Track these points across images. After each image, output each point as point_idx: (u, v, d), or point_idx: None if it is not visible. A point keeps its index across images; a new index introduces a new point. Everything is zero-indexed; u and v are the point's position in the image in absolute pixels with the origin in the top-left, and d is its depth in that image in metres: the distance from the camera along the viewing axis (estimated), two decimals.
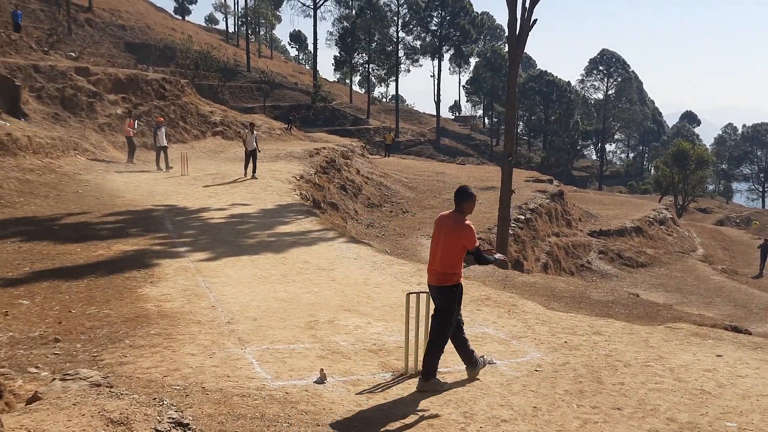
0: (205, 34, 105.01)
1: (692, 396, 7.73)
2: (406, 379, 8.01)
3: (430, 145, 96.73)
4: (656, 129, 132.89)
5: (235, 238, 16.71)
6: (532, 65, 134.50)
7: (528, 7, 24.16)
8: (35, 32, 55.83)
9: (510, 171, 24.86)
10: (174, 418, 4.96)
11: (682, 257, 39.41)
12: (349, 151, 39.77)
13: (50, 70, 31.88)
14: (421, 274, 14.33)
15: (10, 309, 10.30)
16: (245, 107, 70.82)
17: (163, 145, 28.71)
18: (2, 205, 19.10)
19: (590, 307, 15.52)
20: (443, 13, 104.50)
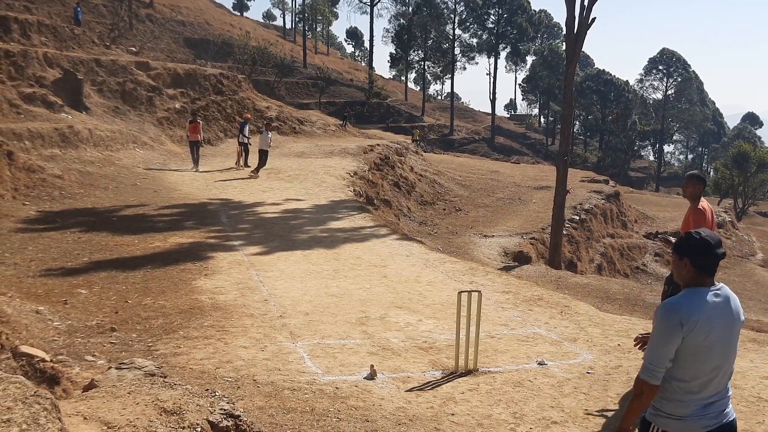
0: (263, 30, 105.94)
1: (749, 403, 7.56)
2: (456, 378, 7.98)
3: (485, 143, 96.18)
4: (716, 130, 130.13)
5: (289, 233, 16.82)
6: (589, 64, 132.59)
7: (587, 5, 23.83)
8: (97, 27, 56.96)
9: (565, 171, 24.55)
10: (225, 410, 5.01)
11: (741, 261, 38.52)
12: (403, 149, 39.72)
13: (111, 64, 32.47)
14: (473, 272, 14.27)
15: (69, 298, 10.52)
16: (301, 103, 71.24)
17: (244, 142, 28.59)
18: (63, 196, 19.52)
19: (645, 309, 15.27)
20: (500, 10, 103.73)
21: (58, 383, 6.55)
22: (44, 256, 13.25)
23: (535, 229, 28.81)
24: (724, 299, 3.86)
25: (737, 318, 3.91)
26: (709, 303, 3.80)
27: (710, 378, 3.83)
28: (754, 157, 68.35)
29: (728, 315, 3.86)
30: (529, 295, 12.58)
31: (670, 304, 3.81)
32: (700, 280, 3.86)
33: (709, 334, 3.75)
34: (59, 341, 8.49)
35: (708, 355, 3.78)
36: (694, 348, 3.75)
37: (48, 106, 26.52)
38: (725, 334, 3.83)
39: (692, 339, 3.73)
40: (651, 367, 3.79)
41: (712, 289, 3.86)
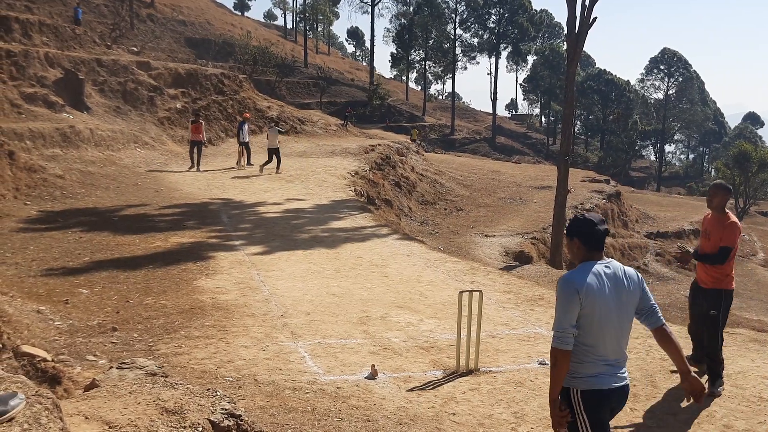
0: (264, 30, 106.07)
1: (750, 403, 7.56)
2: (457, 377, 7.98)
3: (486, 143, 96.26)
4: (717, 130, 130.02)
5: (290, 233, 16.83)
6: (590, 64, 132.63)
7: (588, 5, 23.85)
8: (99, 27, 56.99)
9: (566, 170, 24.57)
10: (227, 410, 5.02)
11: (742, 261, 38.49)
12: (404, 148, 39.73)
13: (113, 64, 32.49)
14: (474, 272, 14.27)
15: (70, 297, 10.53)
16: (302, 103, 71.34)
17: (246, 141, 28.66)
18: (65, 195, 19.54)
19: None
20: (501, 10, 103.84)
21: (60, 383, 6.55)
22: (45, 255, 13.26)
23: (536, 228, 28.84)
24: (614, 271, 4.36)
25: (628, 288, 4.36)
26: (601, 274, 4.29)
27: (610, 341, 4.29)
28: (755, 157, 68.24)
29: (620, 285, 4.33)
30: (530, 294, 12.57)
31: (568, 278, 4.30)
32: (590, 255, 4.38)
33: (604, 302, 4.23)
34: (60, 341, 8.50)
35: (605, 320, 4.24)
36: (592, 315, 4.20)
37: (49, 106, 26.54)
38: (618, 302, 4.31)
39: (590, 307, 4.19)
40: (559, 335, 4.22)
41: (602, 262, 4.36)
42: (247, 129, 28.91)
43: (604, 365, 4.29)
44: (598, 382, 4.27)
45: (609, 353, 4.31)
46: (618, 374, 4.34)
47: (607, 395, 4.31)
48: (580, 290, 4.18)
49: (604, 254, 4.45)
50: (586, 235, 4.38)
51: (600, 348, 4.28)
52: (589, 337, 4.25)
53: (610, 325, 4.27)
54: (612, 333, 4.29)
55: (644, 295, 4.46)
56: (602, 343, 4.28)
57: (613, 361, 4.33)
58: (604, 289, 4.25)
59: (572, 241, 4.46)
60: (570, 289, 4.21)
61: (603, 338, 4.27)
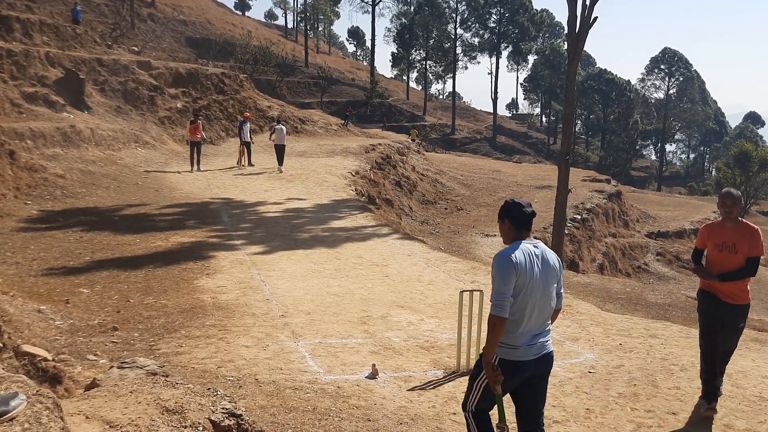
0: (265, 29, 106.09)
1: (750, 403, 7.55)
2: (457, 377, 7.98)
3: (486, 142, 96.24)
4: (718, 130, 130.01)
5: (290, 232, 16.83)
6: (591, 63, 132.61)
7: (588, 5, 23.82)
8: (99, 26, 57.03)
9: (567, 170, 24.54)
10: (227, 409, 5.01)
11: None
12: (405, 148, 39.74)
13: (113, 63, 32.48)
14: (475, 272, 14.27)
15: (71, 297, 10.54)
16: (302, 102, 71.33)
17: (247, 141, 28.67)
18: (65, 195, 19.55)
19: (646, 309, 15.29)
20: (502, 10, 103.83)
21: (60, 382, 6.56)
22: (46, 255, 13.26)
23: (537, 228, 28.82)
24: (542, 251, 4.84)
25: (552, 266, 4.86)
26: (531, 252, 4.76)
27: (533, 313, 4.72)
28: (756, 157, 68.23)
29: (544, 263, 4.80)
30: None
31: (506, 253, 4.71)
32: (519, 234, 4.85)
33: (533, 277, 4.69)
34: (61, 340, 8.50)
35: (530, 294, 4.67)
36: (519, 288, 4.63)
37: (50, 106, 26.54)
38: (542, 278, 4.76)
39: (521, 280, 4.63)
40: (498, 302, 4.58)
41: (530, 242, 4.84)
42: (249, 128, 28.92)
43: (525, 337, 4.73)
44: (518, 353, 4.71)
45: (531, 325, 4.75)
46: (538, 343, 4.79)
47: (524, 366, 4.75)
48: (516, 265, 4.62)
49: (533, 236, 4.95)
50: (515, 217, 4.87)
51: (522, 320, 4.69)
52: (517, 310, 4.65)
53: (535, 299, 4.71)
54: (536, 306, 4.73)
55: (560, 279, 4.98)
56: (525, 316, 4.70)
57: (535, 331, 4.78)
58: (533, 266, 4.72)
59: (503, 223, 4.95)
60: (508, 262, 4.63)
61: (527, 311, 4.69)
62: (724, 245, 7.01)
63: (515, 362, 4.72)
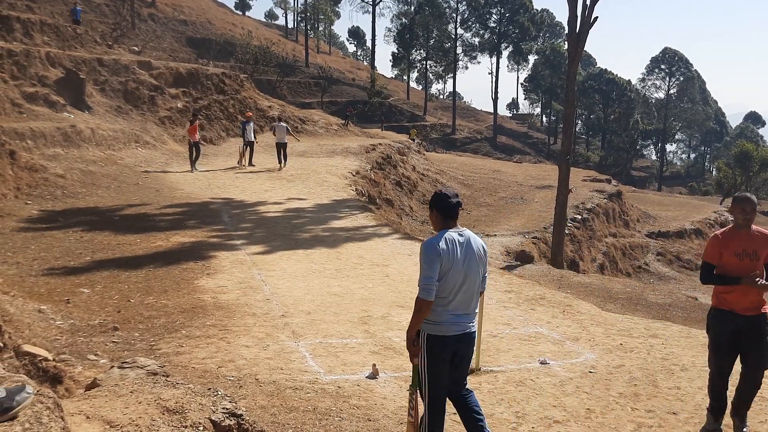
0: (265, 29, 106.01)
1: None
2: None
3: (487, 142, 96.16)
4: (719, 129, 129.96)
5: (291, 232, 16.83)
6: (591, 63, 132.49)
7: (589, 5, 23.82)
8: (100, 26, 56.99)
9: (567, 170, 24.54)
10: (228, 409, 5.02)
11: None
12: (405, 148, 39.75)
13: (114, 63, 32.48)
14: None
15: (72, 297, 10.54)
16: (303, 102, 71.30)
17: (250, 141, 28.71)
18: (66, 195, 19.55)
19: (647, 309, 15.27)
20: (502, 10, 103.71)
21: (61, 382, 6.56)
22: (46, 255, 13.27)
23: (538, 228, 28.82)
24: (466, 239, 5.29)
25: (478, 254, 5.31)
26: (455, 241, 5.22)
27: (457, 295, 5.21)
28: (757, 157, 68.27)
29: (469, 249, 5.26)
30: (531, 294, 12.58)
31: (431, 241, 5.21)
32: (446, 223, 5.30)
33: (456, 263, 5.15)
34: (62, 340, 8.50)
35: (455, 277, 5.16)
36: (444, 272, 5.12)
37: (50, 106, 26.54)
38: (467, 265, 5.22)
39: (446, 266, 5.11)
40: (425, 287, 5.10)
41: (456, 230, 5.27)
42: (252, 128, 28.94)
43: (450, 315, 5.22)
44: (442, 329, 5.22)
45: (456, 306, 5.24)
46: (461, 323, 5.28)
47: (448, 341, 5.24)
48: (440, 252, 5.11)
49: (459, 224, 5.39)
50: (442, 207, 5.31)
51: (448, 301, 5.19)
52: (440, 291, 5.15)
53: (459, 283, 5.21)
54: (460, 289, 5.23)
55: (485, 265, 5.44)
56: (451, 297, 5.20)
57: (460, 312, 5.26)
58: (456, 253, 5.19)
59: (432, 212, 5.41)
60: (433, 250, 5.13)
61: (452, 293, 5.19)
62: (744, 253, 6.50)
63: (440, 337, 5.23)
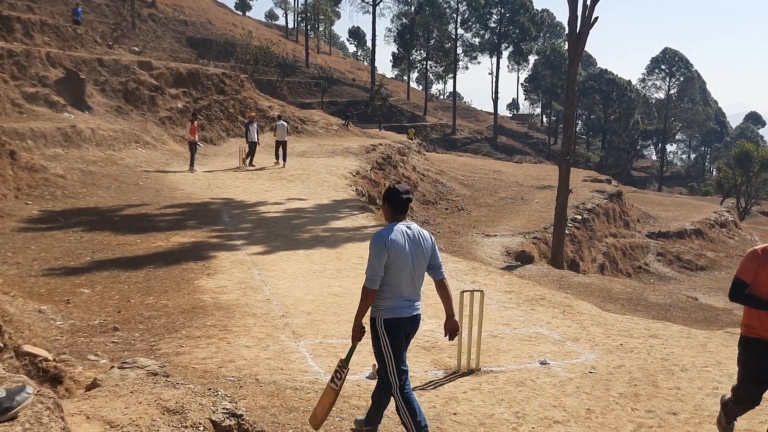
0: (265, 29, 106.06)
1: None
2: (458, 377, 7.99)
3: (487, 142, 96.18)
4: (719, 130, 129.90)
5: (291, 233, 16.83)
6: (592, 63, 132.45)
7: (589, 5, 23.85)
8: (100, 27, 57.01)
9: (567, 170, 24.57)
10: (228, 409, 5.01)
11: None
12: (406, 148, 39.74)
13: (114, 64, 32.49)
14: (476, 272, 14.26)
15: (72, 297, 10.54)
16: (303, 103, 71.31)
17: (253, 141, 28.76)
18: (66, 195, 19.55)
19: (647, 309, 15.29)
20: (503, 10, 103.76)
21: (61, 382, 6.56)
22: (47, 255, 13.27)
23: (538, 228, 28.82)
24: (413, 232, 5.73)
25: (424, 246, 5.75)
26: (403, 233, 5.66)
27: (406, 283, 5.66)
28: (757, 157, 68.21)
29: (417, 242, 5.71)
30: (531, 294, 12.58)
31: (379, 234, 5.63)
32: (395, 216, 5.74)
33: (403, 253, 5.59)
34: (62, 340, 8.50)
35: (402, 266, 5.59)
36: (394, 263, 5.56)
37: (51, 106, 26.54)
38: (414, 255, 5.67)
39: (393, 257, 5.54)
40: (371, 278, 5.54)
41: (405, 223, 5.74)
42: (256, 128, 28.96)
43: (401, 300, 5.68)
44: (395, 312, 5.66)
45: (404, 292, 5.69)
46: (411, 307, 5.76)
47: (402, 322, 5.71)
48: (387, 243, 5.53)
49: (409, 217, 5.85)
50: (394, 202, 5.72)
51: (398, 288, 5.64)
52: (391, 279, 5.59)
53: (407, 271, 5.64)
54: (408, 277, 5.67)
55: (434, 254, 5.87)
56: (400, 284, 5.64)
57: (407, 297, 5.72)
58: (404, 245, 5.62)
59: (384, 204, 5.83)
60: (381, 243, 5.55)
61: (401, 281, 5.63)
62: None
63: (396, 319, 5.68)
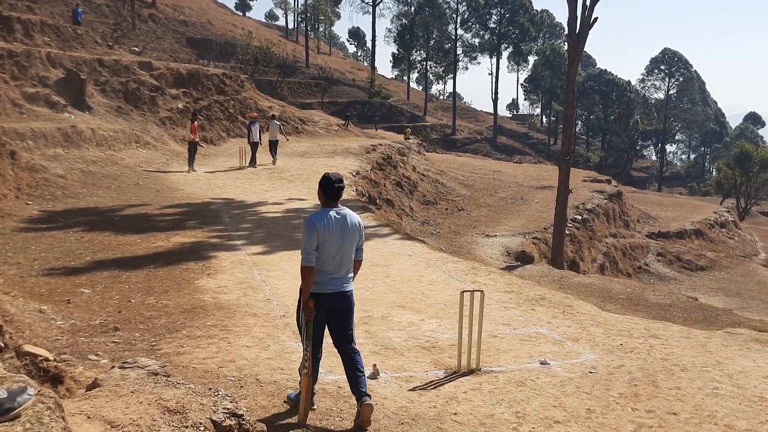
0: (265, 30, 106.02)
1: (751, 403, 7.56)
2: (458, 377, 7.99)
3: (487, 143, 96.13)
4: (719, 130, 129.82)
5: (291, 232, 16.82)
6: (591, 64, 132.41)
7: (588, 6, 23.86)
8: (100, 27, 57.02)
9: (567, 170, 24.57)
10: (229, 409, 5.02)
11: (744, 261, 38.46)
12: (406, 148, 39.74)
13: (114, 64, 32.49)
14: (476, 272, 14.27)
15: (72, 297, 10.55)
16: (303, 103, 71.28)
17: (255, 141, 28.79)
18: (66, 195, 19.56)
19: (647, 309, 15.28)
20: (502, 10, 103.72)
21: (62, 382, 6.56)
22: (47, 255, 13.27)
23: (538, 228, 28.82)
24: (342, 216, 6.39)
25: (351, 229, 6.42)
26: (332, 216, 6.32)
27: (333, 261, 6.31)
28: (757, 157, 68.25)
29: (344, 226, 6.37)
30: (531, 294, 12.58)
31: (310, 217, 6.30)
32: (328, 202, 6.42)
33: (331, 235, 6.25)
34: (62, 340, 8.51)
35: (331, 247, 6.27)
36: (323, 244, 6.23)
37: (51, 106, 26.55)
38: (341, 237, 6.33)
39: (322, 238, 6.21)
40: (306, 256, 6.18)
41: (336, 209, 6.39)
42: (258, 128, 28.96)
43: (326, 277, 6.30)
44: (318, 288, 6.26)
45: (330, 270, 6.31)
46: (337, 283, 6.36)
47: (325, 297, 6.30)
48: (317, 226, 6.20)
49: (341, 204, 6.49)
50: (327, 188, 6.40)
51: (326, 266, 6.28)
52: (320, 258, 6.23)
53: (334, 251, 6.29)
54: (334, 256, 6.31)
55: (360, 238, 6.59)
56: (328, 263, 6.28)
57: (333, 274, 6.34)
58: (333, 227, 6.27)
59: (319, 191, 6.47)
60: (311, 225, 6.22)
61: (327, 260, 6.27)
62: None
63: (318, 294, 6.26)
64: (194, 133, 26.65)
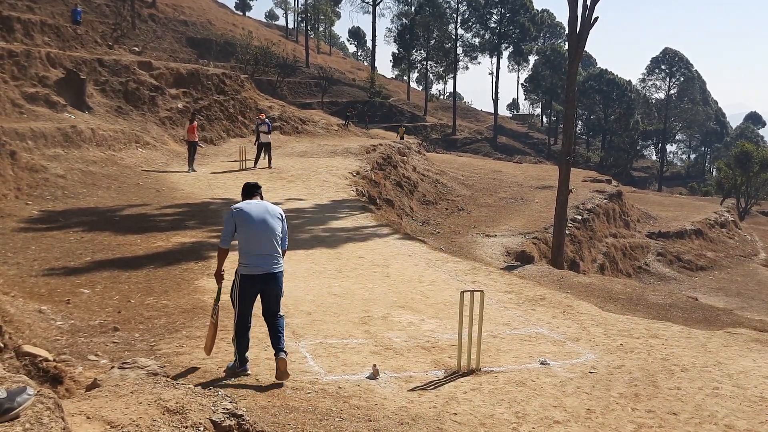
0: (265, 30, 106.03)
1: (751, 403, 7.55)
2: (458, 377, 7.99)
3: (487, 142, 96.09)
4: (719, 130, 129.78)
5: (291, 233, 16.67)
6: (592, 63, 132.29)
7: (589, 5, 23.85)
8: (100, 27, 56.81)
9: (568, 170, 24.56)
10: (228, 409, 5.02)
11: (744, 261, 38.45)
12: (406, 148, 39.74)
13: (114, 64, 32.48)
14: (476, 272, 14.27)
15: (72, 297, 10.55)
16: (303, 103, 71.29)
17: (265, 142, 28.44)
18: (66, 195, 19.55)
19: (647, 309, 15.28)
20: (503, 10, 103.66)
21: (61, 383, 6.56)
22: (47, 255, 13.27)
23: (538, 228, 28.82)
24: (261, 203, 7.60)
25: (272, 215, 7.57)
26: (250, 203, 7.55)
27: (257, 245, 7.39)
28: (757, 157, 68.23)
29: (263, 210, 7.50)
30: (531, 294, 12.58)
31: (231, 208, 7.50)
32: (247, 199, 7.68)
33: (247, 221, 7.37)
34: (62, 341, 8.50)
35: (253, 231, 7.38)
36: (240, 227, 7.38)
37: (51, 106, 26.53)
38: (262, 221, 7.44)
39: (239, 222, 7.38)
40: (222, 239, 7.53)
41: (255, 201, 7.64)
42: (268, 128, 28.47)
43: (255, 259, 7.37)
44: (248, 270, 7.38)
45: (256, 252, 7.37)
46: (264, 265, 7.39)
47: (254, 278, 7.37)
48: (234, 214, 7.40)
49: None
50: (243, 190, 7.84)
51: (251, 248, 7.38)
52: (244, 243, 7.40)
53: (256, 235, 7.37)
54: (258, 240, 7.38)
55: (283, 227, 7.70)
56: (252, 245, 7.37)
57: (259, 256, 7.37)
58: (251, 214, 7.40)
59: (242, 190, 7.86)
60: (230, 214, 7.43)
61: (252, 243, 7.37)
62: None
63: (247, 275, 7.36)
64: (193, 133, 26.59)
